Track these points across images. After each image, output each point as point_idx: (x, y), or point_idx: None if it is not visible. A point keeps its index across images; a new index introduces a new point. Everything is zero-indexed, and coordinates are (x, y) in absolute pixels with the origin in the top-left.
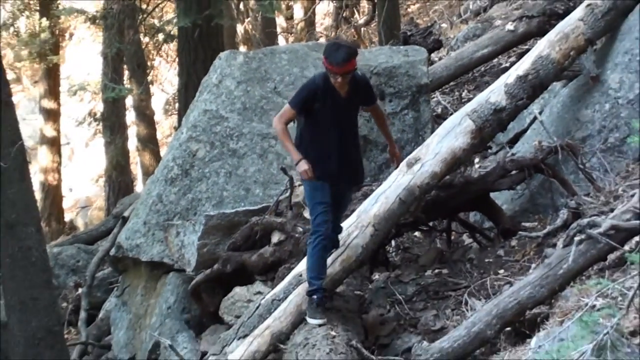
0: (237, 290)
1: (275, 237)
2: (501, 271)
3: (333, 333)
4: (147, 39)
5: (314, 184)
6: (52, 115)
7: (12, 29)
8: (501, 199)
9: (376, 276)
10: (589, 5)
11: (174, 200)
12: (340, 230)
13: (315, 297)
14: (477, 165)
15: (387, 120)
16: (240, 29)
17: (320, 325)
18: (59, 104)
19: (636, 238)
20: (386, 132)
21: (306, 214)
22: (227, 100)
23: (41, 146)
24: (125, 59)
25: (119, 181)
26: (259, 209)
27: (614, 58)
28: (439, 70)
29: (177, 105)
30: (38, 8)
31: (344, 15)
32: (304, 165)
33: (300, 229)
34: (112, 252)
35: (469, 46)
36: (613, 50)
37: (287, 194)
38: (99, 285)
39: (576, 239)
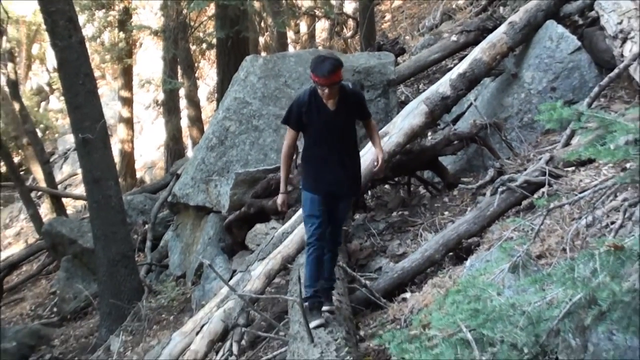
0: (258, 226)
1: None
2: (446, 213)
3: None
4: (194, 47)
5: (310, 196)
6: (127, 102)
7: (98, 40)
8: (446, 161)
9: (357, 216)
10: (510, 22)
11: (213, 162)
12: (339, 242)
13: (309, 303)
14: (429, 137)
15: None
16: (261, 40)
17: (317, 327)
18: (132, 94)
19: (542, 189)
20: (374, 142)
21: None
22: (251, 91)
23: (119, 124)
24: (178, 61)
25: (174, 149)
26: (274, 168)
27: (528, 60)
28: (402, 70)
29: (216, 94)
30: (117, 25)
31: (336, 30)
32: (279, 199)
33: None
34: (169, 199)
35: (424, 52)
36: (527, 55)
37: (295, 157)
38: (160, 223)
39: (499, 190)
